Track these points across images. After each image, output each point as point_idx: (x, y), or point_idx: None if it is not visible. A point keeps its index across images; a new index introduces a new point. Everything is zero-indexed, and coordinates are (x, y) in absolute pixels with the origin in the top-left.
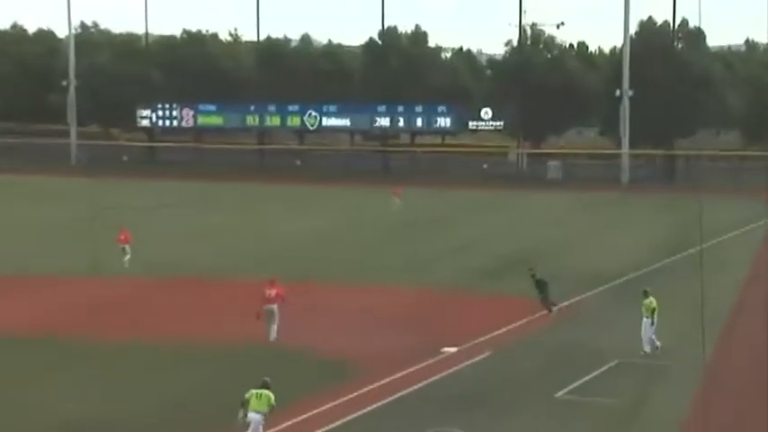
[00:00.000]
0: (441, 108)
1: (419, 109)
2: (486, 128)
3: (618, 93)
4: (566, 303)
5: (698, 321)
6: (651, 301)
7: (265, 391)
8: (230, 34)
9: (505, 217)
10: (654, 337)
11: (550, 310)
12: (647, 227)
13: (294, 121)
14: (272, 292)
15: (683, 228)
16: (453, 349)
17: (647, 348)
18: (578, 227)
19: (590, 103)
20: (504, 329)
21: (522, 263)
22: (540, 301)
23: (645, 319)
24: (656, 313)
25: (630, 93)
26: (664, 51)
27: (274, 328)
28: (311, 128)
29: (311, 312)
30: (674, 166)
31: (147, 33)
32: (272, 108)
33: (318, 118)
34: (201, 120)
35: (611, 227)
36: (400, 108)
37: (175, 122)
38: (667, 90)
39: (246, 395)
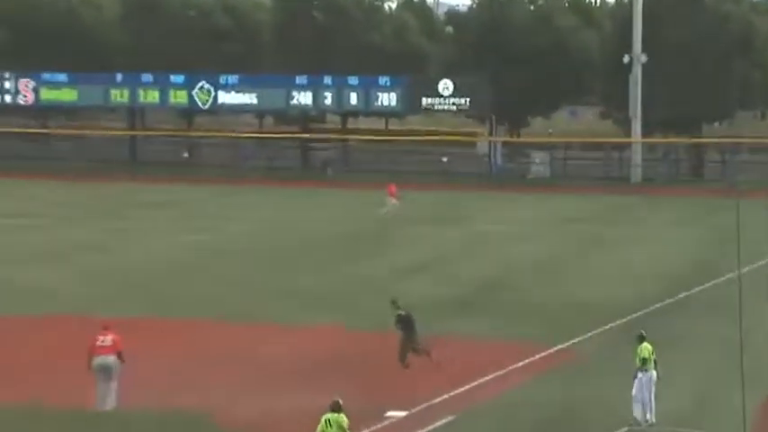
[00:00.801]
0: (383, 80)
1: (353, 81)
2: (447, 107)
3: (626, 59)
4: (554, 349)
5: (734, 376)
6: (642, 348)
7: (335, 415)
8: None
9: (470, 229)
10: (653, 399)
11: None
12: (667, 243)
13: (179, 98)
14: (107, 339)
15: (714, 244)
16: (401, 413)
17: (638, 413)
18: (572, 243)
19: (588, 72)
20: (471, 385)
21: (495, 291)
22: (406, 348)
23: (639, 374)
24: (651, 364)
25: (644, 58)
26: (689, 1)
27: (112, 390)
28: (203, 106)
29: (200, 362)
30: (703, 160)
31: None
32: (147, 79)
33: (213, 93)
34: (46, 95)
35: (616, 243)
36: (327, 80)
37: (8, 98)
38: (694, 55)
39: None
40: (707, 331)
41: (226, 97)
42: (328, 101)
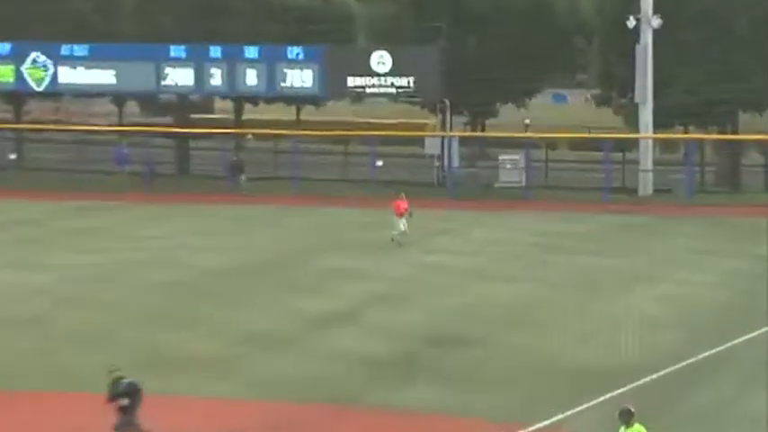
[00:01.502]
0: (293, 51)
1: (252, 53)
2: (382, 90)
3: (632, 22)
4: (533, 428)
5: None
6: None
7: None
8: None
9: (414, 260)
10: None
11: None
12: (687, 281)
13: (2, 76)
14: None
15: (754, 283)
16: None
17: None
18: (555, 281)
19: (579, 42)
20: None
21: (446, 348)
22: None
23: None
24: None
25: (656, 22)
26: None
27: None
28: (37, 88)
29: None
30: (739, 164)
31: None
32: None
33: (52, 69)
34: None
35: (617, 281)
36: (215, 51)
37: None
38: (723, 20)
39: None
40: (738, 408)
41: (70, 75)
42: (216, 80)
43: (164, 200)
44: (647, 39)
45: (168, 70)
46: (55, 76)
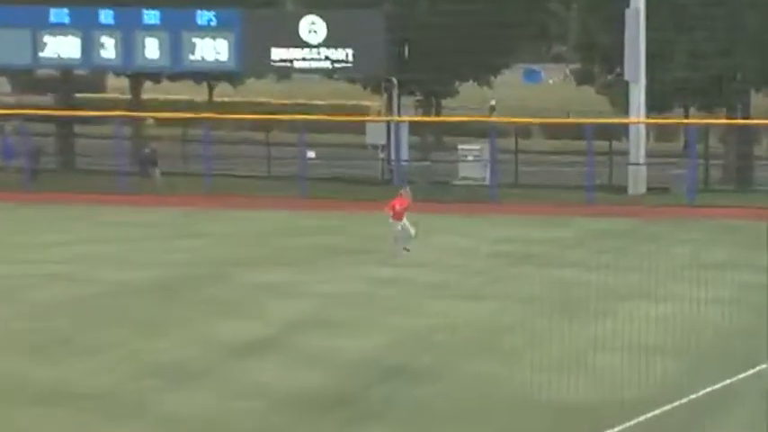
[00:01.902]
0: (204, 17)
1: (152, 18)
2: (315, 65)
3: None
4: None
5: None
6: None
7: None
8: None
9: (352, 273)
10: None
11: None
12: (692, 298)
13: None
14: None
15: None
16: None
17: None
18: (528, 301)
19: (554, 6)
20: None
21: (396, 382)
22: None
23: None
24: None
25: None
26: None
27: None
28: None
29: None
30: (751, 156)
31: None
32: None
33: None
34: None
35: (606, 297)
36: (106, 16)
37: None
38: None
39: None
40: None
41: None
42: (108, 52)
43: (51, 199)
44: (638, 1)
45: (48, 39)
46: None
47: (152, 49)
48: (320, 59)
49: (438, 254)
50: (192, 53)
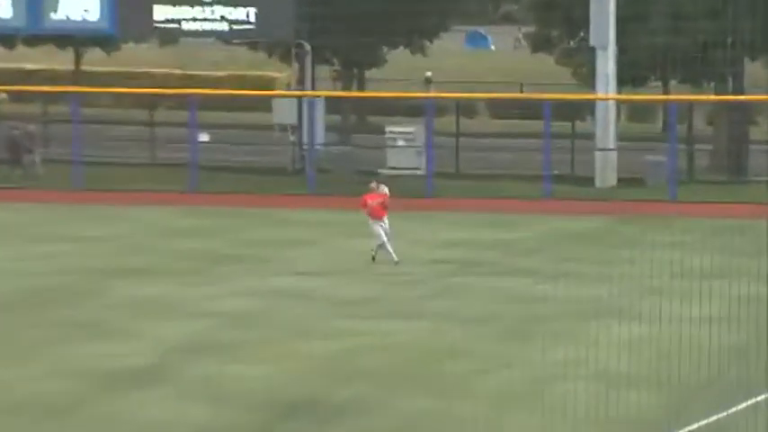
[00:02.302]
0: None
1: None
2: (210, 27)
3: None
4: None
5: None
6: None
7: None
8: None
9: (257, 284)
10: None
11: None
12: (674, 313)
13: None
14: None
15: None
16: None
17: None
18: (474, 313)
19: None
20: None
21: (314, 414)
22: None
23: None
24: None
25: None
26: None
27: None
28: None
29: None
30: (745, 140)
31: None
32: None
33: None
34: None
35: (569, 314)
36: None
37: None
38: None
39: None
40: None
41: None
42: None
43: None
44: None
45: None
46: None
47: (3, 6)
48: (215, 20)
49: (359, 261)
50: (54, 11)
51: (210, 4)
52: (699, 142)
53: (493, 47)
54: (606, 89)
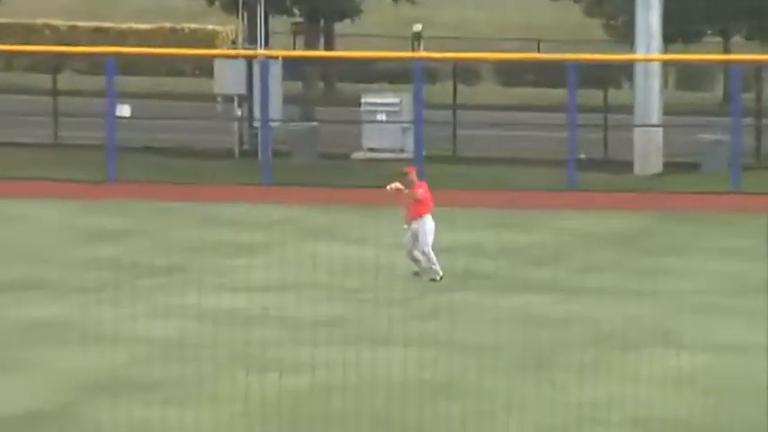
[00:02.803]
0: None
1: None
2: None
3: None
4: None
5: None
6: None
7: None
8: None
9: (191, 298)
10: None
11: None
12: (740, 341)
13: None
14: None
15: None
16: None
17: None
18: (475, 339)
19: None
20: None
21: None
22: None
23: None
24: None
25: None
26: None
27: None
28: None
29: None
30: None
31: None
32: None
33: None
34: None
35: (600, 340)
36: None
37: None
38: None
39: None
40: None
41: None
42: None
43: None
44: None
45: None
46: None
47: None
48: None
49: (323, 271)
50: None
51: None
52: None
53: None
54: (648, 47)
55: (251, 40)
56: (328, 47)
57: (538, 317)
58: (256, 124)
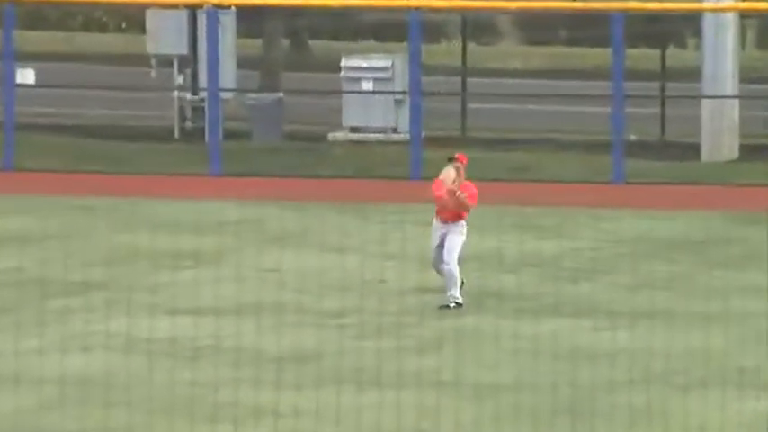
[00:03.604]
0: None
1: None
2: None
3: None
4: None
5: None
6: None
7: None
8: None
9: (115, 325)
10: None
11: None
12: None
13: None
14: None
15: None
16: None
17: None
18: (490, 384)
19: None
20: None
21: None
22: None
23: None
24: None
25: None
26: None
27: None
28: None
29: None
30: None
31: None
32: None
33: None
34: None
35: (645, 385)
36: None
37: None
38: None
39: None
40: None
41: None
42: None
43: None
44: None
45: None
46: None
47: None
48: None
49: (291, 289)
50: None
51: None
52: None
53: None
54: None
55: None
56: None
57: (572, 348)
58: (203, 95)
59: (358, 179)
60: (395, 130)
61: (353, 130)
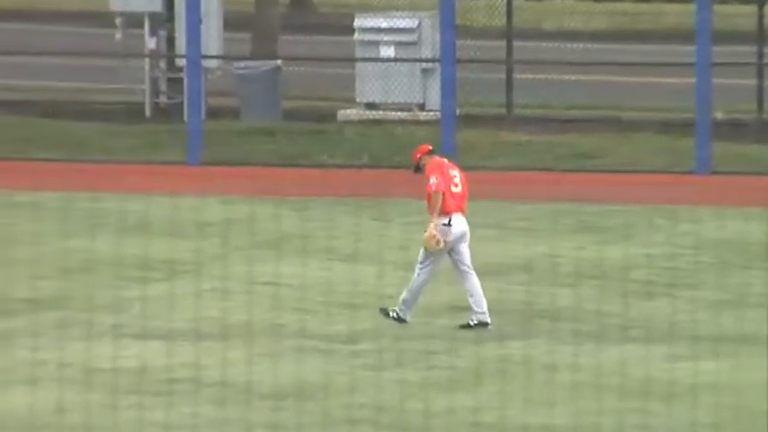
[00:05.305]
0: None
1: None
2: None
3: None
4: None
5: None
6: None
7: None
8: None
9: (82, 351)
10: None
11: None
12: None
13: None
14: None
15: None
16: None
17: None
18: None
19: None
20: None
21: None
22: None
23: None
24: None
25: None
26: None
27: None
28: None
29: None
30: None
31: None
32: None
33: None
34: None
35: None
36: None
37: None
38: None
39: None
40: None
41: None
42: None
43: None
44: None
45: None
46: None
47: None
48: None
49: (288, 308)
50: None
51: None
52: None
53: None
54: None
55: None
56: None
57: (644, 382)
58: (181, 63)
59: (375, 169)
60: (422, 107)
61: (369, 106)
